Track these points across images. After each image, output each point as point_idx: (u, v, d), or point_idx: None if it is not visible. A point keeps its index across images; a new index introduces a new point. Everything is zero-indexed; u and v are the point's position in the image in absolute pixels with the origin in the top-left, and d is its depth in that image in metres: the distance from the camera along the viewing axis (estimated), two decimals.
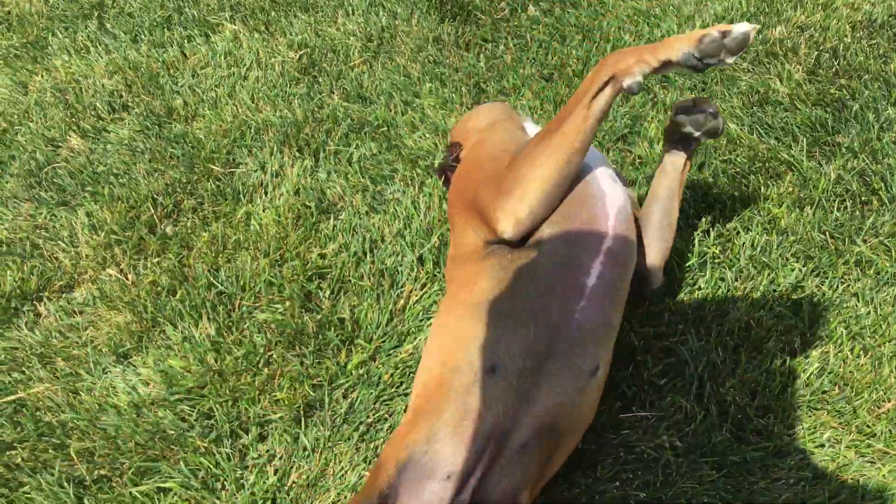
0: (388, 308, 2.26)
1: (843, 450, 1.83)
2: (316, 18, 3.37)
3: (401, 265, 2.36)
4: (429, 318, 2.24)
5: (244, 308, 2.33)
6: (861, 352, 1.98)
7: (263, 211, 2.58)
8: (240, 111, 2.94)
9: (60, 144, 2.97)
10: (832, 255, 2.20)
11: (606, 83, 1.69)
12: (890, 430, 1.84)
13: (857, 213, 2.31)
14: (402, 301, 2.28)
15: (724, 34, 1.61)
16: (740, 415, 1.88)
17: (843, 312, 2.08)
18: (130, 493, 1.96)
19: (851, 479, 1.78)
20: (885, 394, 1.89)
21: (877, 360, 1.96)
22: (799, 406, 1.89)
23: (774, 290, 2.14)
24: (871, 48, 2.85)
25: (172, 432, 2.07)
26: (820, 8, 3.09)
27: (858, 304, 2.09)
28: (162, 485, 1.98)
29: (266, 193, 2.66)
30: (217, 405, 2.10)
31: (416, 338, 2.19)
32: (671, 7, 3.23)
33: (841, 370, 1.94)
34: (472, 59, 3.07)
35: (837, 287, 2.14)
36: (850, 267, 2.17)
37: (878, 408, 1.88)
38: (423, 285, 2.31)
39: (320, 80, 3.06)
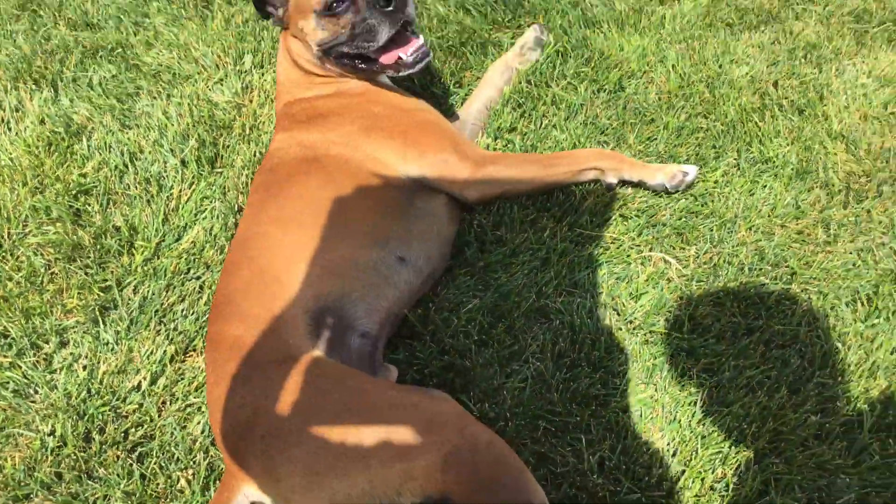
0: (161, 209, 2.41)
1: (559, 242, 2.28)
2: None
3: (165, 170, 2.51)
4: (203, 212, 2.41)
5: (14, 237, 2.37)
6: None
7: (11, 144, 2.58)
8: None
9: None
10: (534, 100, 2.66)
11: (596, 168, 2.29)
12: (592, 220, 2.33)
13: (551, 62, 2.79)
14: (173, 202, 2.44)
15: (685, 174, 2.34)
16: (482, 231, 2.28)
17: (546, 141, 2.55)
18: None
19: (568, 261, 2.24)
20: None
21: None
22: (525, 217, 2.33)
23: (497, 130, 2.56)
24: None
25: None
26: None
27: (556, 132, 2.57)
28: None
29: (10, 129, 2.65)
30: (10, 324, 2.16)
31: (193, 230, 2.36)
32: None
33: None
34: None
35: (541, 123, 2.60)
36: (547, 105, 2.64)
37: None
38: (191, 184, 2.48)
39: (41, 13, 3.04)
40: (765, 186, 2.47)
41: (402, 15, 2.19)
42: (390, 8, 2.15)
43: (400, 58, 2.24)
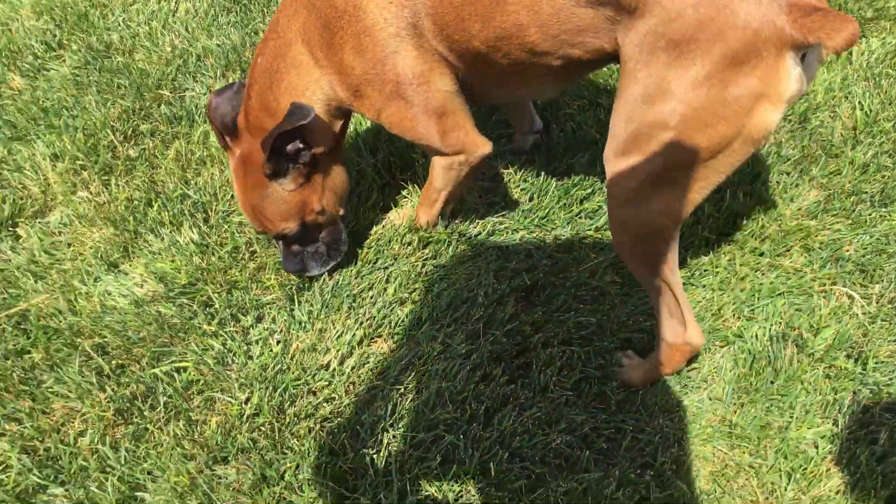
0: (353, 206, 2.57)
1: (739, 267, 2.31)
2: None
3: (358, 172, 2.67)
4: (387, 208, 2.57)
5: (219, 213, 2.58)
6: None
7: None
8: (177, 42, 3.12)
9: (0, 85, 3.07)
10: None
11: None
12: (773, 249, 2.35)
13: None
14: (361, 198, 2.60)
15: None
16: None
17: None
18: (151, 374, 2.21)
19: (748, 287, 2.27)
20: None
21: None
22: (707, 241, 2.37)
23: None
24: None
25: (177, 321, 2.32)
26: None
27: None
28: (179, 364, 2.24)
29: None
30: (215, 294, 2.36)
31: (380, 224, 2.52)
32: None
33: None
34: None
35: None
36: None
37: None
38: (383, 187, 2.64)
39: (251, 7, 3.27)
40: None
41: None
42: None
43: None
